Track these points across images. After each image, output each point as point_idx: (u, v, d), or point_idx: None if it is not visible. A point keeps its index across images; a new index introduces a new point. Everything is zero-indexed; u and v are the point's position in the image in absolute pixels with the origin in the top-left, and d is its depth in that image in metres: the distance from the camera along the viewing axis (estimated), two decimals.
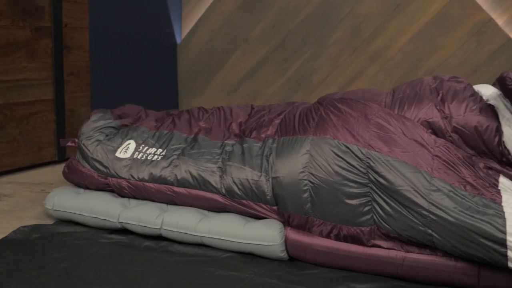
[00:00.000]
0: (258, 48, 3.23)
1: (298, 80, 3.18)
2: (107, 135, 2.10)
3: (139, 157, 1.98)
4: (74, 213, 1.92)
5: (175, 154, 1.94)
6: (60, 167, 2.72)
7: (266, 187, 1.73)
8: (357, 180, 1.58)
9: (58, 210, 1.96)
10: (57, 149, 2.74)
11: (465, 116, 1.67)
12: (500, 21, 2.76)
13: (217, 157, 1.88)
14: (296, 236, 1.68)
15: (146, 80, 3.27)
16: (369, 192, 1.56)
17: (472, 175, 1.55)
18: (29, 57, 2.58)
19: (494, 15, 2.77)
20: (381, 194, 1.55)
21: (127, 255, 1.72)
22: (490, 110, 1.68)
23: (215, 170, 1.84)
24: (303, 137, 1.71)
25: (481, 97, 1.72)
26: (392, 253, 1.57)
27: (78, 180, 2.10)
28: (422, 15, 2.88)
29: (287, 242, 1.69)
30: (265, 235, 1.69)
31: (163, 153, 1.96)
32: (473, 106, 1.68)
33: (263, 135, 1.88)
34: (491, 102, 1.68)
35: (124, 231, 1.88)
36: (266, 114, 2.03)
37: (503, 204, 1.44)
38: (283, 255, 1.69)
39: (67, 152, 2.79)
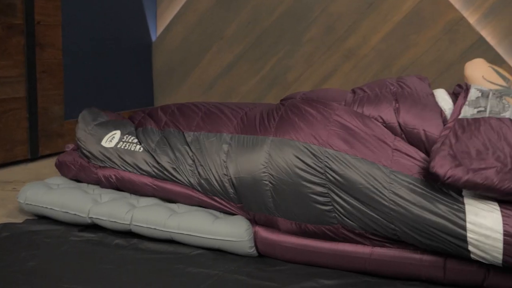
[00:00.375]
0: (233, 46, 3.24)
1: (273, 77, 3.19)
2: (96, 125, 2.14)
3: (123, 146, 2.01)
4: (46, 207, 1.92)
5: (153, 148, 1.96)
6: (33, 165, 2.70)
7: (229, 186, 1.74)
8: (316, 180, 1.58)
9: (30, 204, 1.96)
10: (29, 147, 2.72)
11: (424, 126, 1.63)
12: (471, 19, 2.79)
13: (186, 153, 1.88)
14: (264, 233, 1.69)
15: (121, 78, 3.25)
16: (327, 192, 1.57)
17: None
18: (1, 55, 2.55)
19: (466, 14, 2.80)
20: (341, 193, 1.55)
21: (97, 253, 1.72)
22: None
23: (186, 166, 1.86)
24: (264, 137, 1.72)
25: (441, 110, 1.69)
26: (360, 248, 1.58)
27: (72, 172, 2.13)
28: (395, 14, 2.90)
29: (256, 239, 1.70)
30: (233, 231, 1.69)
31: (143, 146, 1.98)
32: (433, 120, 1.63)
33: (221, 130, 1.88)
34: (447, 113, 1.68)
35: (95, 228, 1.88)
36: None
37: (463, 194, 1.46)
38: (252, 251, 1.70)
39: (40, 150, 2.77)
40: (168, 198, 1.91)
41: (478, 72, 1.72)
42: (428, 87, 1.79)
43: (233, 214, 1.79)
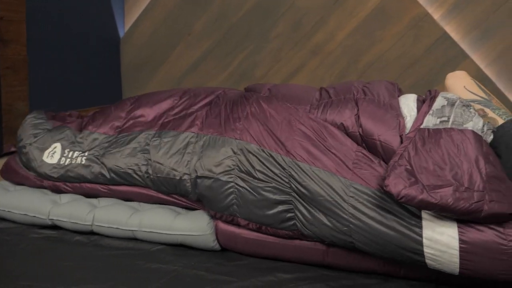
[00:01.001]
0: (201, 42, 3.23)
1: (240, 73, 3.19)
2: (36, 136, 2.05)
3: (66, 163, 1.94)
4: (3, 210, 1.89)
5: (99, 154, 1.91)
6: None
7: (189, 186, 1.73)
8: (280, 188, 1.59)
9: None
10: None
11: (380, 137, 1.63)
12: (436, 15, 2.82)
13: (139, 153, 1.85)
14: (225, 226, 1.69)
15: (88, 74, 3.23)
16: (291, 200, 1.58)
17: None
18: None
19: (430, 10, 2.83)
20: (303, 203, 1.56)
21: (57, 250, 1.71)
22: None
23: (140, 166, 1.83)
24: (230, 139, 1.71)
25: (401, 118, 1.68)
26: (318, 244, 1.60)
27: (15, 180, 2.07)
28: (361, 10, 2.92)
29: (217, 232, 1.70)
30: (194, 226, 1.70)
31: (87, 155, 1.92)
32: (393, 129, 1.64)
33: (184, 128, 1.85)
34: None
35: (56, 225, 1.87)
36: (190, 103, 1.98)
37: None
38: (214, 245, 1.70)
39: (4, 147, 2.74)
40: (127, 198, 1.89)
41: (460, 83, 1.72)
42: (394, 93, 1.79)
43: (194, 209, 1.80)
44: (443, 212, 1.40)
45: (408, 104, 1.71)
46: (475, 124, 1.57)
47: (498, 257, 1.39)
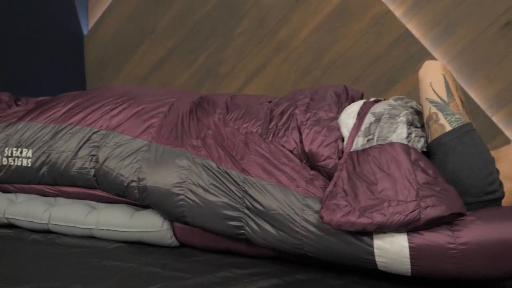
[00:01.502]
0: (165, 39, 3.22)
1: (205, 71, 3.19)
2: None
3: (8, 163, 1.87)
4: None
5: (42, 152, 1.84)
6: None
7: (137, 192, 1.71)
8: (232, 204, 1.59)
9: None
10: None
11: (322, 162, 1.66)
12: (397, 12, 2.85)
13: (86, 155, 1.81)
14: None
15: (52, 72, 3.20)
16: (242, 217, 1.59)
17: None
18: None
19: (392, 7, 2.85)
20: (255, 219, 1.57)
21: (12, 249, 1.70)
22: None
23: (88, 169, 1.80)
24: (185, 152, 1.70)
25: (339, 141, 1.70)
26: None
27: None
28: (324, 6, 2.93)
29: (174, 228, 1.70)
30: (151, 222, 1.70)
31: (31, 154, 1.85)
32: (333, 154, 1.66)
33: (137, 133, 1.79)
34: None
35: (12, 224, 1.85)
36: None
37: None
38: (172, 241, 1.71)
39: None
40: (78, 198, 1.86)
41: (429, 77, 1.69)
42: (338, 107, 1.80)
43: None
44: (383, 229, 1.42)
45: (347, 122, 1.73)
46: (398, 134, 1.59)
47: (448, 260, 1.42)
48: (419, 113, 1.77)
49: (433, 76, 1.68)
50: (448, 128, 1.56)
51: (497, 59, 2.78)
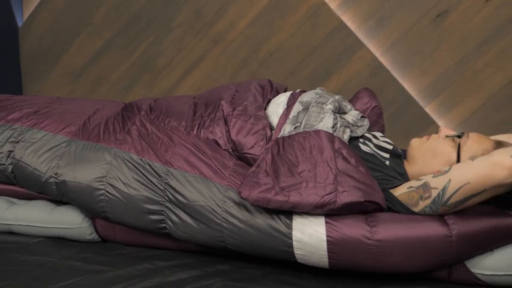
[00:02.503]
0: (102, 32, 3.17)
1: (143, 63, 3.16)
2: None
3: None
4: None
5: None
6: None
7: (55, 189, 1.68)
8: (153, 197, 1.58)
9: None
10: None
11: (249, 150, 1.67)
12: (332, 5, 2.87)
13: (6, 150, 1.77)
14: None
15: None
16: (163, 210, 1.58)
17: None
18: None
19: None
20: (176, 212, 1.56)
21: None
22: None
23: (6, 165, 1.75)
24: (107, 147, 1.67)
25: (267, 129, 1.71)
26: None
27: None
28: None
29: (95, 223, 1.68)
30: (71, 218, 1.68)
31: None
32: (260, 141, 1.68)
33: (57, 130, 1.77)
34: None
35: None
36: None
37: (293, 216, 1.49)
38: (93, 237, 1.69)
39: None
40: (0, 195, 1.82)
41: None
42: (263, 100, 1.80)
43: None
44: (299, 209, 1.44)
45: (277, 112, 1.74)
46: (324, 123, 1.62)
47: (365, 255, 1.45)
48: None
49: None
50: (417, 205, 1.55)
51: (429, 51, 2.84)
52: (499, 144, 1.65)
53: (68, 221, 1.67)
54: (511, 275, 1.50)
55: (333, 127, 1.62)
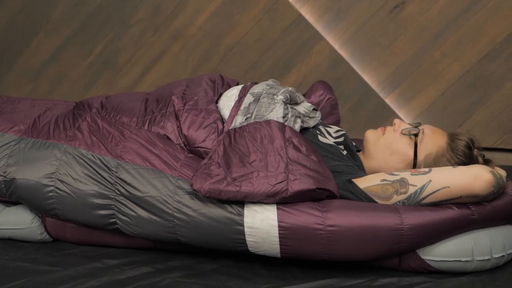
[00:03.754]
0: (60, 29, 3.13)
1: (103, 61, 3.13)
2: None
3: None
4: None
5: None
6: None
7: (3, 187, 1.65)
8: (103, 192, 1.57)
9: None
10: None
11: (201, 143, 1.66)
12: None
13: None
14: (53, 218, 1.65)
15: None
16: (113, 205, 1.57)
17: None
18: None
19: None
20: (128, 204, 1.55)
21: None
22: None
23: None
24: (57, 143, 1.65)
25: (219, 122, 1.70)
26: None
27: None
28: None
29: (45, 223, 1.66)
30: (20, 218, 1.66)
31: None
32: (212, 134, 1.67)
33: (6, 129, 1.74)
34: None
35: None
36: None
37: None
38: (43, 237, 1.67)
39: None
40: None
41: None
42: (214, 93, 1.80)
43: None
44: (251, 199, 1.45)
45: (229, 104, 1.74)
46: (275, 113, 1.62)
47: (316, 241, 1.46)
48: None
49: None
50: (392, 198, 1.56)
51: (388, 42, 2.85)
52: (454, 138, 1.68)
53: (17, 221, 1.65)
54: (460, 260, 1.52)
55: (284, 117, 1.63)
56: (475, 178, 1.49)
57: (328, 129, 1.78)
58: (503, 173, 1.64)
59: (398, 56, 2.86)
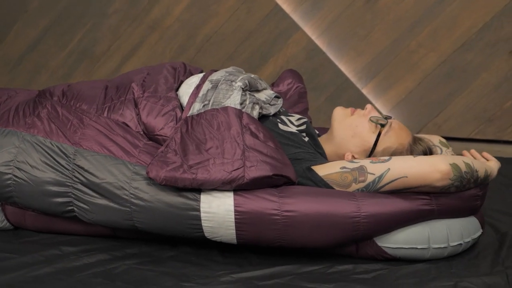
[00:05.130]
0: (38, 20, 3.12)
1: (81, 51, 3.12)
2: None
3: None
4: None
5: None
6: None
7: None
8: (60, 179, 1.57)
9: None
10: None
11: (160, 131, 1.65)
12: None
13: None
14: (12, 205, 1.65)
15: None
16: (70, 192, 1.56)
17: None
18: None
19: None
20: (86, 190, 1.55)
21: None
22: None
23: None
24: (15, 131, 1.65)
25: (178, 109, 1.69)
26: None
27: None
28: None
29: (5, 210, 1.66)
30: None
31: None
32: (170, 122, 1.66)
33: None
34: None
35: None
36: None
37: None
38: (4, 224, 1.67)
39: None
40: None
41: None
42: (174, 81, 1.79)
43: None
44: (208, 186, 1.46)
45: (189, 92, 1.73)
46: (232, 100, 1.62)
47: (272, 226, 1.46)
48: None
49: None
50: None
51: (364, 32, 2.85)
52: (416, 140, 1.69)
53: None
54: (416, 248, 1.52)
55: (242, 103, 1.62)
56: (431, 168, 1.49)
57: (290, 118, 1.78)
58: (492, 165, 1.63)
59: (375, 46, 2.86)
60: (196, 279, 1.42)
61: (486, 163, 1.63)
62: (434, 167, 1.48)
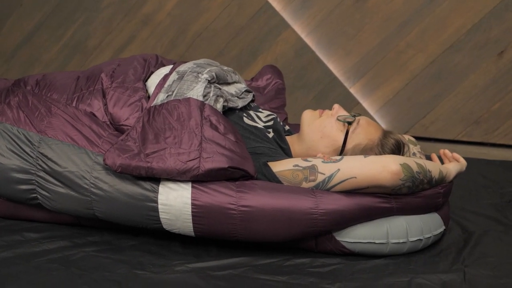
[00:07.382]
0: (33, 13, 3.15)
1: (74, 45, 3.14)
2: None
3: None
4: None
5: None
6: None
7: None
8: (24, 166, 1.58)
9: None
10: None
11: (125, 121, 1.66)
12: None
13: None
14: None
15: None
16: (34, 180, 1.58)
17: None
18: None
19: None
20: (49, 178, 1.57)
21: None
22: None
23: None
24: None
25: (144, 100, 1.70)
26: None
27: None
28: None
29: None
30: None
31: None
32: (136, 112, 1.67)
33: None
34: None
35: None
36: None
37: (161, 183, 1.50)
38: None
39: None
40: None
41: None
42: (143, 72, 1.80)
43: None
44: (163, 175, 1.46)
45: (155, 82, 1.75)
46: (195, 92, 1.62)
47: (229, 221, 1.47)
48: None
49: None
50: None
51: (353, 32, 2.85)
52: (387, 134, 1.68)
53: None
54: (374, 242, 1.52)
55: (205, 96, 1.62)
56: (381, 168, 1.47)
57: (258, 113, 1.78)
58: (451, 166, 1.62)
59: (364, 46, 2.86)
60: (151, 268, 1.43)
61: (443, 165, 1.62)
62: (384, 167, 1.47)
